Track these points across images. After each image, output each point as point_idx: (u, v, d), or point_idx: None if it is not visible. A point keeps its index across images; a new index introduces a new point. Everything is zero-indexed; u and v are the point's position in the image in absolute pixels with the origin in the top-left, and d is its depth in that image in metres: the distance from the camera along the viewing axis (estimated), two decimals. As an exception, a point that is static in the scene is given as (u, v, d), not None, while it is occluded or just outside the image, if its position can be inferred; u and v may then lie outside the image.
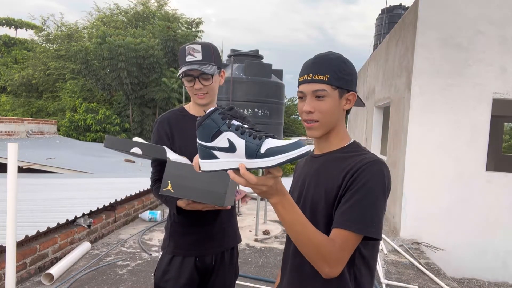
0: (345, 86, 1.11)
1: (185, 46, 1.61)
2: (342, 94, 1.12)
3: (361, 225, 0.99)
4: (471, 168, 5.04)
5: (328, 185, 1.09)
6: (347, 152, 1.14)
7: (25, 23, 27.53)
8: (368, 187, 1.01)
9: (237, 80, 5.40)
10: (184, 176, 1.43)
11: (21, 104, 21.55)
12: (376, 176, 1.03)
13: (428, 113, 5.06)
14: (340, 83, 1.10)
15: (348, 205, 1.01)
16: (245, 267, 3.87)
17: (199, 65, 1.58)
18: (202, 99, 1.64)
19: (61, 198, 4.99)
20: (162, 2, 22.94)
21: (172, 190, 1.43)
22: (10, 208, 2.33)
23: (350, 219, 0.99)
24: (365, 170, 1.03)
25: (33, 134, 13.93)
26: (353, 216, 1.00)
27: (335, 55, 1.13)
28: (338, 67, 1.11)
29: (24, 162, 8.57)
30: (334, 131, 1.17)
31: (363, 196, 1.00)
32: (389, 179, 1.06)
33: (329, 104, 1.11)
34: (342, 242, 0.99)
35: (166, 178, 1.43)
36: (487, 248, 5.08)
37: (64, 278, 3.42)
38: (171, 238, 1.71)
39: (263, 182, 0.87)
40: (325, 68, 1.10)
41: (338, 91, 1.11)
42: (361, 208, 1.00)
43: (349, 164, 1.07)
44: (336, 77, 1.10)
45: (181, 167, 1.45)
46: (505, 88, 4.95)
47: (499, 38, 4.93)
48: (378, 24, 10.48)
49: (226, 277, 1.76)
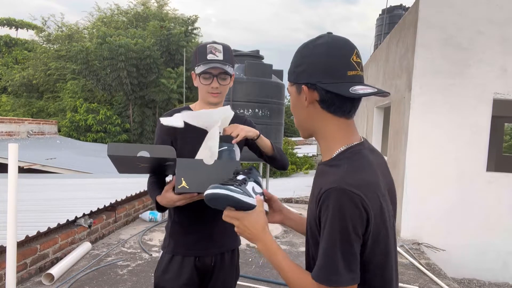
0: (296, 80, 0.97)
1: (206, 44, 1.63)
2: (299, 90, 0.97)
3: (322, 274, 0.87)
4: (471, 168, 5.04)
5: (312, 206, 0.97)
6: (330, 165, 0.96)
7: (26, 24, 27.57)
8: (329, 226, 0.86)
9: (237, 81, 5.39)
10: (196, 171, 1.43)
11: (21, 104, 21.58)
12: (334, 211, 0.85)
13: (428, 113, 5.06)
14: (291, 77, 1.00)
15: (319, 246, 0.90)
16: (245, 268, 3.87)
17: (221, 64, 1.61)
18: (215, 97, 1.66)
19: (61, 198, 4.99)
20: (162, 2, 22.96)
21: (187, 186, 1.41)
22: (10, 208, 2.33)
23: (316, 265, 0.90)
24: (325, 202, 0.88)
25: (34, 134, 13.94)
26: (319, 262, 0.89)
27: (298, 48, 1.00)
28: (292, 60, 1.00)
29: (24, 163, 8.59)
30: (319, 136, 1.01)
31: (326, 238, 0.87)
32: (354, 209, 0.84)
33: (292, 102, 1.02)
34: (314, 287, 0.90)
35: (179, 175, 1.41)
36: (488, 248, 5.07)
37: (64, 278, 3.42)
38: (171, 237, 1.71)
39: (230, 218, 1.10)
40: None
41: (295, 87, 0.99)
42: (324, 253, 0.88)
43: (320, 187, 0.91)
44: (289, 72, 1.01)
45: (192, 163, 1.45)
46: (506, 88, 4.95)
47: (500, 38, 4.93)
48: (379, 25, 10.48)
49: (227, 278, 1.75)
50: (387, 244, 0.93)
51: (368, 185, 0.88)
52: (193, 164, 1.44)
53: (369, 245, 0.89)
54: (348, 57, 0.92)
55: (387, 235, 0.92)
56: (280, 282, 3.55)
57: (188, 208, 1.58)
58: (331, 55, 0.92)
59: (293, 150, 17.42)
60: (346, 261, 0.85)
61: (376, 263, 0.92)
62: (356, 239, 0.86)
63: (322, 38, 0.96)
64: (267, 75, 5.59)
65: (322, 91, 0.93)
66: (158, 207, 1.62)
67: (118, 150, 1.40)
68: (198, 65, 1.62)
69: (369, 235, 0.88)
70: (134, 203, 5.47)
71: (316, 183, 0.99)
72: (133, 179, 6.82)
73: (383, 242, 0.91)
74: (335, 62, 0.92)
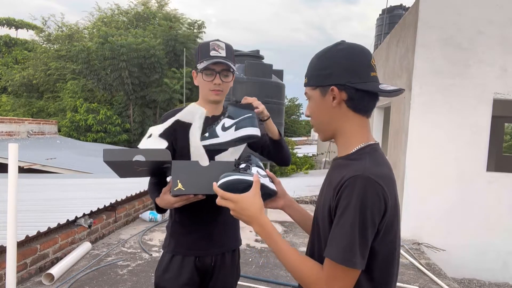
0: (323, 83, 1.02)
1: (208, 42, 1.62)
2: (324, 92, 1.02)
3: (337, 253, 0.89)
4: (471, 168, 5.04)
5: (327, 195, 1.00)
6: (351, 159, 1.01)
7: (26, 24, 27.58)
8: (351, 210, 0.89)
9: (237, 81, 5.39)
10: (191, 173, 1.42)
11: (21, 104, 21.57)
12: (358, 197, 0.89)
13: (428, 113, 5.06)
14: (316, 81, 1.04)
15: (335, 228, 0.92)
16: (245, 268, 3.87)
17: (225, 60, 1.60)
18: (217, 95, 1.65)
19: (61, 198, 4.99)
20: (162, 2, 22.97)
21: (183, 188, 1.40)
22: (10, 208, 2.33)
23: (331, 245, 0.91)
24: (348, 187, 0.91)
25: (34, 134, 13.94)
26: (338, 242, 0.90)
27: (316, 54, 1.07)
28: (313, 65, 1.06)
29: (24, 162, 8.59)
30: (339, 134, 1.06)
31: (347, 222, 0.89)
32: (376, 197, 0.90)
33: (312, 106, 1.07)
34: (329, 273, 0.91)
35: (175, 177, 1.40)
36: (488, 248, 5.07)
37: (64, 278, 3.42)
38: (172, 237, 1.72)
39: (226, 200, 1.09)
40: (307, 70, 1.07)
41: (319, 89, 1.04)
42: (343, 235, 0.90)
43: (342, 175, 0.96)
44: (312, 76, 1.06)
45: (187, 165, 1.44)
46: (506, 88, 4.95)
47: (500, 38, 4.93)
48: (379, 25, 10.47)
49: (227, 279, 1.75)
50: (396, 236, 0.98)
51: (388, 178, 0.95)
52: (188, 166, 1.43)
53: (380, 235, 0.93)
54: (369, 60, 1.02)
55: (397, 228, 0.99)
56: (280, 282, 3.55)
57: (189, 208, 1.58)
58: (355, 58, 1.01)
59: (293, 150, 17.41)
60: (362, 246, 0.89)
61: (383, 254, 0.95)
62: (373, 227, 0.90)
63: (342, 44, 1.04)
64: (267, 75, 5.59)
65: (351, 91, 1.00)
66: (157, 208, 1.62)
67: (113, 155, 1.39)
68: (201, 62, 1.61)
69: (383, 225, 0.92)
70: (134, 203, 5.47)
71: (333, 174, 1.03)
72: (133, 179, 6.81)
73: (392, 234, 0.96)
74: (360, 64, 1.01)
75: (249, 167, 1.21)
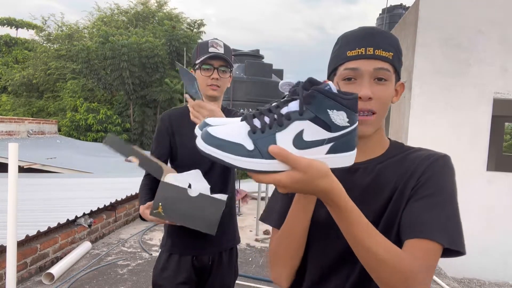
0: (400, 72, 0.87)
1: (207, 40, 1.68)
2: (396, 82, 0.86)
3: (450, 236, 0.74)
4: (471, 168, 5.04)
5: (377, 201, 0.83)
6: (406, 151, 0.88)
7: (26, 23, 27.53)
8: (449, 189, 0.79)
9: (237, 80, 5.39)
10: (176, 200, 1.39)
11: (21, 104, 21.55)
12: (452, 176, 0.81)
13: (428, 113, 5.06)
14: (399, 66, 0.86)
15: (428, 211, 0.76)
16: (245, 267, 3.87)
17: (223, 55, 1.65)
18: (215, 91, 1.66)
19: (61, 198, 4.99)
20: (162, 2, 22.95)
21: (162, 213, 1.39)
22: (10, 208, 2.33)
23: (435, 227, 0.74)
24: (440, 163, 0.81)
25: (34, 134, 13.94)
26: (438, 224, 0.75)
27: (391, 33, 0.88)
28: (399, 47, 0.86)
29: (24, 162, 8.58)
30: (380, 129, 0.89)
31: (447, 202, 0.77)
32: None
33: (389, 90, 0.84)
34: (430, 260, 0.72)
35: (158, 199, 1.39)
36: (488, 248, 5.07)
37: (64, 277, 3.42)
38: (169, 236, 1.73)
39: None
40: (389, 44, 0.82)
41: (395, 76, 0.85)
42: (447, 216, 0.76)
43: (408, 167, 0.83)
44: (398, 58, 0.85)
45: (174, 190, 1.41)
46: (506, 88, 4.95)
47: (500, 38, 4.93)
48: (379, 24, 10.46)
49: (225, 277, 1.76)
50: None
51: None
52: (175, 191, 1.40)
53: None
54: None
55: None
56: (280, 282, 3.55)
57: None
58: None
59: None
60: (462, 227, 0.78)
61: None
62: None
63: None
64: (267, 75, 5.60)
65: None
66: (140, 216, 1.63)
67: (113, 144, 1.42)
68: (200, 58, 1.65)
69: None
70: (134, 202, 5.47)
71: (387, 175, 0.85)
72: (133, 179, 6.81)
73: None
74: None
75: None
